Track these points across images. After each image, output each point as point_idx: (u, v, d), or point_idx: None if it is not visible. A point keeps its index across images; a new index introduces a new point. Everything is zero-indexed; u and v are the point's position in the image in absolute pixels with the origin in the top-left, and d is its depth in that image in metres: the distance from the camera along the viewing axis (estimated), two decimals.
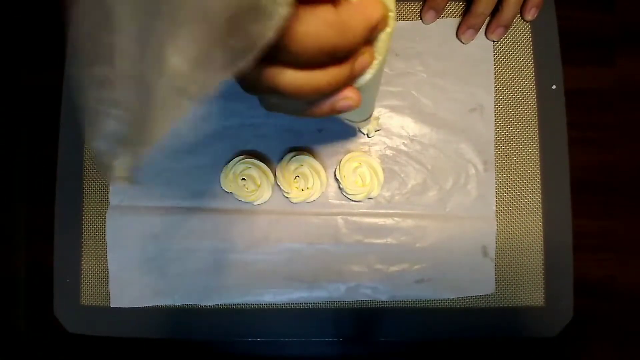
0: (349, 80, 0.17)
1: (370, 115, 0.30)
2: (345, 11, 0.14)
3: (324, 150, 0.38)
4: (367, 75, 0.19)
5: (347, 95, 0.18)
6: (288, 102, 0.18)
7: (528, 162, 0.37)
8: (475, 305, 0.36)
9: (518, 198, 0.37)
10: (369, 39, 0.16)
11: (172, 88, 0.12)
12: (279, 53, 0.14)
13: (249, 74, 0.15)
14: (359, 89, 0.19)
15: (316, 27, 0.14)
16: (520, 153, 0.37)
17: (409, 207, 0.37)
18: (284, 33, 0.13)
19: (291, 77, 0.15)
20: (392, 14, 0.17)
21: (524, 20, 0.38)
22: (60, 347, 0.39)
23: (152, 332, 0.38)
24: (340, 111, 0.18)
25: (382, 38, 0.18)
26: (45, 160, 0.39)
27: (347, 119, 0.29)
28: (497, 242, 0.36)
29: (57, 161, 0.39)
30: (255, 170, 0.36)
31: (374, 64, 0.18)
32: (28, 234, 0.40)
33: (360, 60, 0.17)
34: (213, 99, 0.32)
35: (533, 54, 0.38)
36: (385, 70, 0.38)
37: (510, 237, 0.37)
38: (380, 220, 0.37)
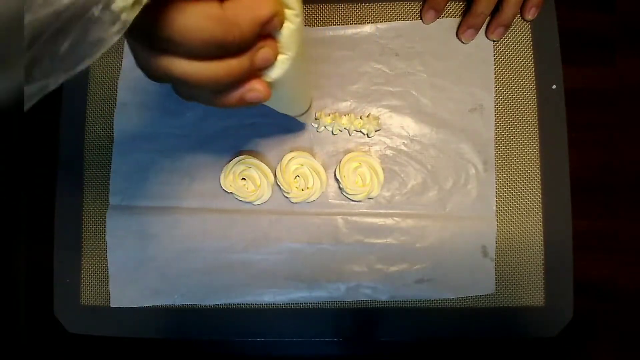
0: (250, 72, 0.18)
1: (308, 110, 0.31)
2: (230, 7, 0.15)
3: (324, 150, 0.38)
4: (278, 70, 0.19)
5: (255, 87, 0.19)
6: (198, 91, 0.18)
7: (528, 162, 0.37)
8: (475, 305, 0.36)
9: (518, 198, 0.37)
10: (261, 34, 0.17)
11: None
12: (166, 44, 0.15)
13: (146, 63, 0.16)
14: (272, 83, 0.20)
15: (197, 21, 0.14)
16: (520, 153, 0.37)
17: (409, 207, 0.37)
18: (166, 25, 0.14)
19: (184, 67, 0.16)
20: (292, 12, 0.18)
21: (524, 20, 0.38)
22: (60, 347, 0.39)
23: (152, 332, 0.38)
24: (250, 102, 0.19)
25: (286, 34, 0.18)
26: (46, 160, 0.39)
27: (287, 114, 0.30)
28: (497, 242, 0.36)
29: (57, 161, 0.39)
30: (255, 170, 0.36)
31: (282, 58, 0.19)
32: (28, 234, 0.40)
33: (261, 53, 0.17)
34: None
35: (533, 53, 0.38)
36: (385, 70, 0.38)
37: (510, 237, 0.37)
38: (380, 220, 0.37)
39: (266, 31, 0.17)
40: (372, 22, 0.38)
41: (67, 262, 0.38)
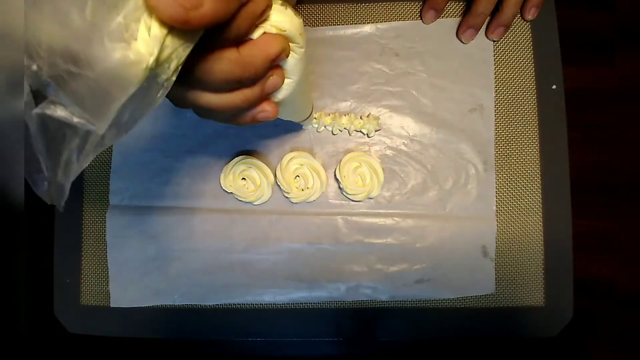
0: (262, 98, 0.21)
1: (309, 116, 0.34)
2: (246, 50, 0.18)
3: (324, 150, 0.38)
4: (284, 91, 0.23)
5: (265, 109, 0.22)
6: (215, 114, 0.21)
7: (528, 162, 0.37)
8: (475, 305, 0.36)
9: (518, 198, 0.37)
10: (272, 66, 0.20)
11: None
12: (197, 83, 0.18)
13: (176, 97, 0.19)
14: (278, 102, 0.23)
15: (221, 66, 0.17)
16: (520, 153, 0.37)
17: (409, 207, 0.37)
18: (196, 70, 0.17)
19: (209, 98, 0.19)
20: (295, 45, 0.20)
21: (524, 20, 0.38)
22: (60, 347, 0.39)
23: (152, 332, 0.38)
24: (260, 121, 0.23)
25: (291, 62, 0.21)
26: None
27: (292, 120, 0.33)
28: (497, 242, 0.37)
29: None
30: (255, 170, 0.36)
31: (288, 82, 0.22)
32: (28, 234, 0.40)
33: (270, 81, 0.20)
34: None
35: (533, 53, 0.38)
36: (385, 70, 0.38)
37: (510, 237, 0.37)
38: (380, 220, 0.37)
39: (275, 64, 0.20)
40: (372, 22, 0.38)
41: (67, 262, 0.38)
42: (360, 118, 0.37)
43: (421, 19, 0.38)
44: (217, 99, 0.19)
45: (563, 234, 0.36)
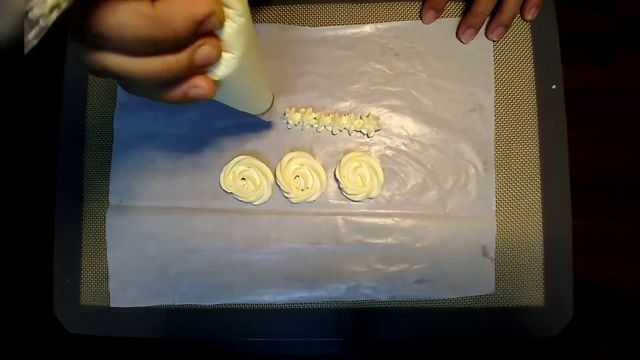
0: (190, 69, 0.18)
1: (270, 108, 0.31)
2: (163, 5, 0.15)
3: (324, 150, 0.38)
4: (224, 68, 0.20)
5: (198, 84, 0.19)
6: (140, 86, 0.19)
7: (528, 162, 0.37)
8: (475, 305, 0.36)
9: (518, 198, 0.37)
10: (200, 32, 0.17)
11: None
12: (100, 40, 0.15)
13: (86, 58, 0.16)
14: (221, 81, 0.20)
15: (128, 19, 0.15)
16: (520, 153, 0.37)
17: (409, 207, 0.37)
18: (97, 23, 0.14)
19: (120, 62, 0.16)
20: (234, 11, 0.18)
21: (524, 20, 0.38)
22: (60, 347, 0.39)
23: (152, 332, 0.38)
24: (194, 98, 0.19)
25: (229, 33, 0.18)
26: (46, 160, 0.39)
27: (248, 112, 0.30)
28: (497, 242, 0.36)
29: (58, 161, 0.39)
30: (255, 170, 0.36)
31: (228, 57, 0.19)
32: (28, 234, 0.40)
33: (202, 50, 0.18)
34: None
35: (533, 53, 0.38)
36: (385, 70, 0.38)
37: (510, 237, 0.37)
38: (380, 220, 0.37)
39: (204, 29, 0.17)
40: (372, 22, 0.38)
41: (67, 262, 0.38)
42: (360, 118, 0.37)
43: (421, 19, 0.38)
44: (131, 64, 0.16)
45: (563, 234, 0.36)
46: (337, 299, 0.37)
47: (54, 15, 0.13)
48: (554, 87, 0.37)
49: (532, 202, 0.37)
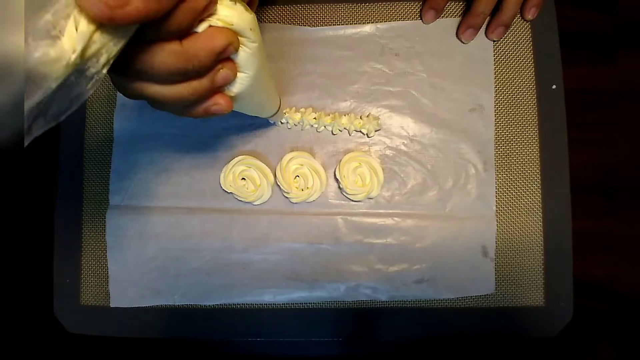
0: (212, 90, 0.21)
1: (278, 111, 0.34)
2: (189, 43, 0.18)
3: (324, 150, 0.38)
4: (239, 86, 0.23)
5: (217, 102, 0.22)
6: (167, 105, 0.21)
7: (528, 162, 0.37)
8: (475, 305, 0.36)
9: (518, 198, 0.37)
10: (220, 59, 0.20)
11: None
12: (142, 75, 0.18)
13: (124, 88, 0.19)
14: (235, 97, 0.23)
15: (162, 58, 0.18)
16: (520, 153, 0.37)
17: (409, 207, 0.37)
18: (137, 62, 0.17)
19: (155, 89, 0.19)
20: (246, 39, 0.21)
21: (524, 20, 0.38)
22: (60, 347, 0.39)
23: (152, 332, 0.38)
24: (214, 114, 0.22)
25: (243, 56, 0.21)
26: (46, 160, 0.39)
27: (258, 116, 0.33)
28: (497, 242, 0.36)
29: (57, 161, 0.39)
30: (255, 170, 0.36)
31: (242, 76, 0.22)
32: (28, 234, 0.40)
33: (220, 74, 0.21)
34: None
35: (533, 53, 0.38)
36: (385, 70, 0.38)
37: (510, 237, 0.37)
38: (380, 220, 0.37)
39: (223, 57, 0.20)
40: (372, 22, 0.38)
41: (67, 262, 0.38)
42: (360, 118, 0.37)
43: (421, 19, 0.38)
44: (164, 90, 0.19)
45: (563, 234, 0.36)
46: (337, 299, 0.37)
47: (106, 69, 0.16)
48: (554, 87, 0.37)
49: (532, 202, 0.37)
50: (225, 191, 0.37)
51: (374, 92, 0.38)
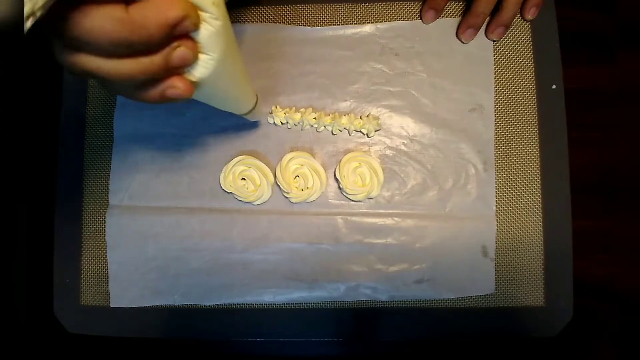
0: (167, 71, 0.19)
1: (254, 109, 0.32)
2: (136, 9, 0.16)
3: (324, 150, 0.38)
4: (202, 69, 0.20)
5: (175, 84, 0.20)
6: (118, 86, 0.19)
7: (528, 162, 0.37)
8: (475, 305, 0.36)
9: (518, 198, 0.37)
10: (175, 35, 0.18)
11: None
12: (77, 43, 0.16)
13: (65, 59, 0.17)
14: (201, 82, 0.21)
15: (101, 23, 0.15)
16: (520, 153, 0.37)
17: (409, 207, 0.37)
18: (73, 26, 0.15)
19: (98, 63, 0.17)
20: (209, 15, 0.18)
21: (524, 20, 0.38)
22: (60, 347, 0.39)
23: (152, 332, 0.38)
24: (171, 98, 0.20)
25: (205, 35, 0.19)
26: (46, 160, 0.39)
27: (231, 112, 0.30)
28: (497, 242, 0.36)
29: (57, 161, 0.39)
30: (255, 170, 0.36)
31: (205, 58, 0.20)
32: (28, 234, 0.40)
33: (177, 52, 0.18)
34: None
35: (533, 53, 0.38)
36: (385, 70, 0.38)
37: (510, 237, 0.37)
38: (380, 220, 0.37)
39: (178, 32, 0.18)
40: (372, 22, 0.38)
41: (67, 262, 0.38)
42: (360, 118, 0.37)
43: (421, 18, 0.38)
44: (108, 65, 0.17)
45: (563, 234, 0.36)
46: (337, 299, 0.37)
47: (29, 23, 0.14)
48: (554, 87, 0.37)
49: (532, 202, 0.37)
50: (225, 191, 0.37)
51: (374, 92, 0.38)
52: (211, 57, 0.20)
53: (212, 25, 0.19)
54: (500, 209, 0.37)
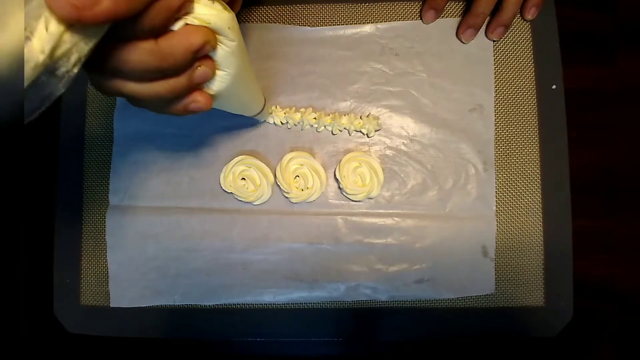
0: (191, 88, 0.21)
1: (263, 110, 0.34)
2: (164, 41, 0.18)
3: (324, 150, 0.38)
4: (219, 84, 0.23)
5: (196, 99, 0.22)
6: (147, 102, 0.21)
7: (528, 162, 0.37)
8: (475, 305, 0.36)
9: (518, 198, 0.37)
10: (197, 57, 0.20)
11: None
12: (118, 73, 0.18)
13: (101, 85, 0.19)
14: (215, 95, 0.23)
15: (137, 56, 0.18)
16: (520, 153, 0.37)
17: (409, 207, 0.37)
18: (113, 60, 0.17)
19: (132, 87, 0.19)
20: (224, 38, 0.21)
21: (524, 20, 0.38)
22: (60, 347, 0.39)
23: (152, 332, 0.38)
24: (193, 111, 0.23)
25: (221, 55, 0.21)
26: (46, 160, 0.39)
27: (243, 114, 0.33)
28: (497, 242, 0.36)
29: (57, 161, 0.39)
30: (255, 170, 0.36)
31: (221, 74, 0.22)
32: (28, 234, 0.40)
33: (198, 71, 0.21)
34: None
35: (533, 53, 0.38)
36: (385, 70, 0.38)
37: (510, 237, 0.37)
38: (380, 220, 0.37)
39: (200, 55, 0.20)
40: (372, 22, 0.38)
41: (67, 262, 0.38)
42: (360, 118, 0.37)
43: (421, 18, 0.38)
44: (141, 88, 0.19)
45: (563, 234, 0.36)
46: (337, 299, 0.37)
47: (77, 69, 0.16)
48: (554, 87, 0.37)
49: (532, 202, 0.37)
50: (225, 191, 0.37)
51: (374, 92, 0.38)
52: (227, 72, 0.22)
53: (227, 46, 0.21)
54: (500, 209, 0.37)
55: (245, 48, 0.23)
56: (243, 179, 0.37)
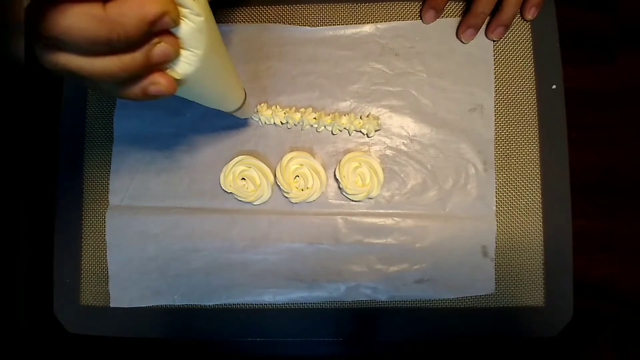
0: (148, 67, 0.19)
1: (242, 106, 0.31)
2: (114, 7, 0.16)
3: (324, 150, 0.38)
4: (185, 65, 0.20)
5: (157, 81, 0.19)
6: (100, 84, 0.19)
7: (528, 162, 0.37)
8: (475, 305, 0.36)
9: (518, 198, 0.37)
10: (155, 31, 0.17)
11: None
12: (56, 42, 0.16)
13: (45, 58, 0.17)
14: (185, 79, 0.21)
15: (79, 21, 0.15)
16: (520, 153, 0.37)
17: (409, 207, 0.37)
18: (51, 25, 0.15)
19: (78, 62, 0.17)
20: (189, 10, 0.18)
21: (524, 20, 0.38)
22: (60, 347, 0.39)
23: (152, 332, 0.38)
24: (153, 95, 0.20)
25: (186, 31, 0.19)
26: (46, 160, 0.39)
27: (220, 109, 0.30)
28: (497, 242, 0.36)
29: (58, 161, 0.39)
30: (255, 170, 0.36)
31: (187, 55, 0.20)
32: (28, 234, 0.40)
33: (158, 48, 0.18)
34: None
35: (533, 53, 0.38)
36: (385, 70, 0.38)
37: (510, 237, 0.37)
38: (380, 220, 0.37)
39: (158, 29, 0.17)
40: (371, 22, 0.38)
41: (67, 262, 0.38)
42: (360, 118, 0.37)
43: (421, 18, 0.38)
44: (90, 64, 0.17)
45: (563, 234, 0.36)
46: (337, 299, 0.37)
47: None
48: (554, 87, 0.37)
49: (532, 202, 0.37)
50: (225, 191, 0.37)
51: (374, 92, 0.38)
52: (194, 53, 0.20)
53: (192, 21, 0.19)
54: (500, 209, 0.37)
55: (217, 28, 0.21)
56: (243, 179, 0.37)
